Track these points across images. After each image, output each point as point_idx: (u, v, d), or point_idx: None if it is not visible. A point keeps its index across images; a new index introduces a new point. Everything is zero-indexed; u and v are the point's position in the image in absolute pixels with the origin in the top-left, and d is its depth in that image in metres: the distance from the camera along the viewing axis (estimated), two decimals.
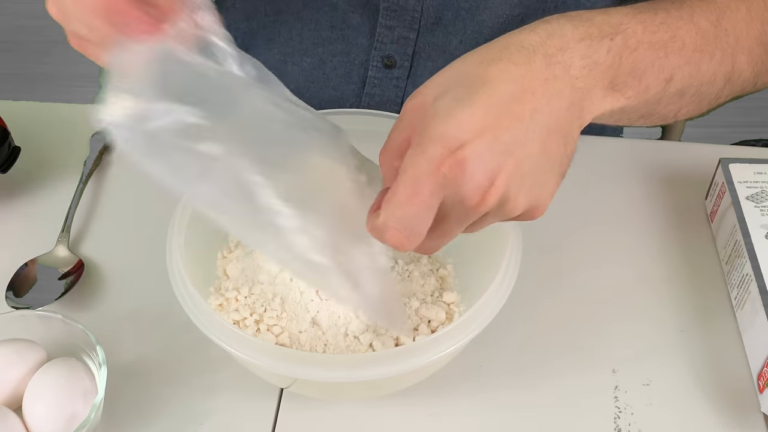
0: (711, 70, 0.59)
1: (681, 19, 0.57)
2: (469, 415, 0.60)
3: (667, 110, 0.59)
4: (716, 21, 0.59)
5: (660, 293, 0.69)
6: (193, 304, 0.54)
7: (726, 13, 0.60)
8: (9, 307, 0.65)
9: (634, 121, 0.59)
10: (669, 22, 0.56)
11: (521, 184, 0.47)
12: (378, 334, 0.58)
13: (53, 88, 2.07)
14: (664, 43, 0.55)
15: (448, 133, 0.45)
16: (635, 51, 0.53)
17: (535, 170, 0.48)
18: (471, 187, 0.45)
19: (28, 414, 0.56)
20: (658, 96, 0.56)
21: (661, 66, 0.55)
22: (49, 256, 0.69)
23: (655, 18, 0.55)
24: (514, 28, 0.79)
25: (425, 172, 0.44)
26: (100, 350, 0.57)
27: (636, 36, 0.53)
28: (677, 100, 0.58)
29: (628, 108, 0.55)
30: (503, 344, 0.64)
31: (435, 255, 0.66)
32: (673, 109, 0.60)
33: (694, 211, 0.75)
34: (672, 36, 0.56)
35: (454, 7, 0.77)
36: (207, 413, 0.60)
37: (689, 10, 0.58)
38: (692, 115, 0.62)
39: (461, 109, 0.45)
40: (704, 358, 0.64)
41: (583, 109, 0.50)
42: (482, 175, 0.45)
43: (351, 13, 0.80)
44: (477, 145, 0.45)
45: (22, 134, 0.75)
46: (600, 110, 0.52)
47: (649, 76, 0.54)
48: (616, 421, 0.60)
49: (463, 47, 0.80)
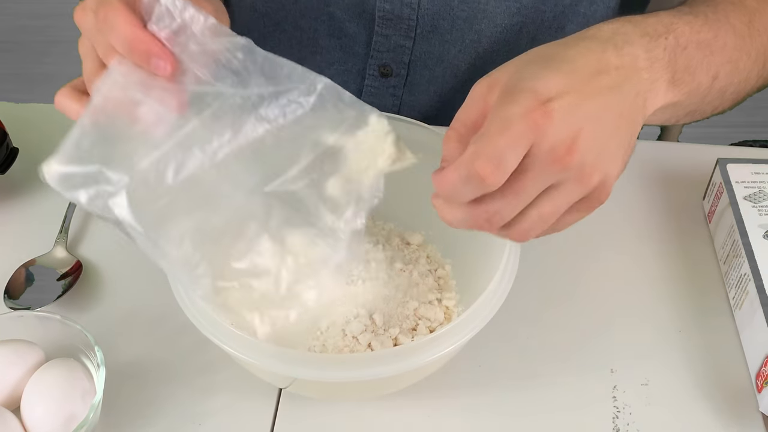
0: (747, 68, 0.61)
1: (719, 20, 0.59)
2: (467, 415, 0.60)
3: (709, 107, 0.61)
4: (748, 22, 0.61)
5: (658, 293, 0.69)
6: (191, 304, 0.54)
7: (756, 15, 0.62)
8: (7, 307, 0.65)
9: (681, 118, 0.61)
10: (710, 23, 0.58)
11: (599, 152, 0.48)
12: (377, 335, 0.58)
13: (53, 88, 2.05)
14: (709, 42, 0.57)
15: (538, 87, 0.46)
16: (686, 49, 0.55)
17: (609, 143, 0.49)
18: (557, 139, 0.46)
19: (26, 414, 0.56)
20: (705, 92, 0.58)
21: (708, 64, 0.57)
22: (48, 257, 0.69)
23: (697, 19, 0.57)
24: (513, 38, 0.80)
25: (517, 115, 0.45)
26: (98, 351, 0.57)
27: (685, 35, 0.55)
28: (719, 96, 0.60)
29: (682, 103, 0.56)
30: (501, 344, 0.64)
31: (434, 255, 0.66)
32: (713, 105, 0.62)
33: (691, 212, 0.75)
34: (714, 35, 0.57)
35: (450, 16, 0.78)
36: (206, 413, 0.60)
37: (724, 13, 0.60)
38: (725, 110, 0.65)
39: (548, 72, 0.47)
40: (702, 357, 0.64)
41: (647, 100, 0.52)
42: (567, 130, 0.46)
43: (347, 22, 0.80)
44: (565, 101, 0.46)
45: (20, 135, 0.75)
46: (662, 102, 0.54)
47: (699, 73, 0.56)
48: (615, 420, 0.60)
49: (463, 56, 0.80)
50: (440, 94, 0.84)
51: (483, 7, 0.76)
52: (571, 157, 0.46)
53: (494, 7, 0.76)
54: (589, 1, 0.78)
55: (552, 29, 0.79)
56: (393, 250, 0.63)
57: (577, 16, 0.79)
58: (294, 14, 0.81)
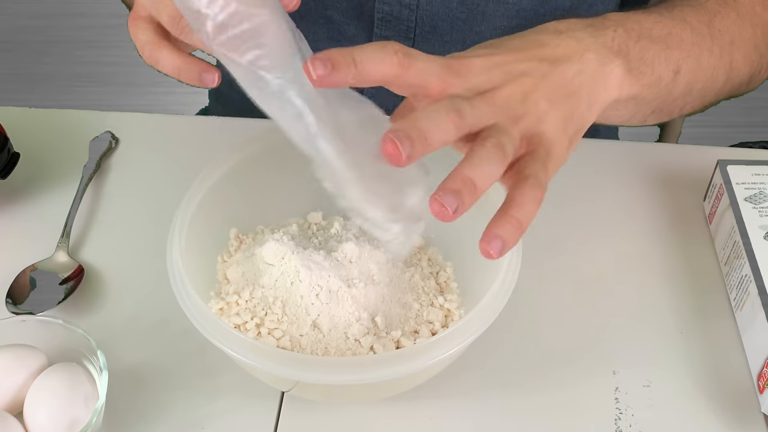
0: (712, 65, 0.60)
1: (674, 19, 0.59)
2: (470, 418, 0.60)
3: (676, 105, 0.61)
4: (708, 22, 0.61)
5: (659, 295, 0.69)
6: (194, 308, 0.54)
7: (716, 17, 0.61)
8: (9, 312, 0.65)
9: (647, 117, 0.61)
10: (663, 21, 0.58)
11: (527, 102, 0.49)
12: (379, 337, 0.58)
13: (53, 88, 2.07)
14: (663, 37, 0.57)
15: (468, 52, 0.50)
16: (639, 41, 0.55)
17: (540, 102, 0.50)
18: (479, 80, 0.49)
19: (29, 419, 0.56)
20: (668, 87, 0.58)
21: (667, 57, 0.56)
22: (49, 262, 0.69)
23: (648, 17, 0.57)
24: None
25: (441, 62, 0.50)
26: (100, 355, 0.57)
27: (635, 30, 0.55)
28: (686, 93, 0.60)
29: (645, 97, 0.56)
30: (504, 346, 0.64)
31: (435, 257, 0.66)
32: (680, 104, 0.61)
33: (692, 213, 0.75)
34: (668, 32, 0.57)
35: (449, 18, 0.78)
36: (208, 417, 0.60)
37: (680, 13, 0.60)
38: (695, 110, 0.64)
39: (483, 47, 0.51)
40: (704, 359, 0.64)
41: (596, 82, 0.53)
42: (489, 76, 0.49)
43: (346, 25, 0.80)
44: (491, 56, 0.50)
45: (21, 140, 0.76)
46: (619, 90, 0.54)
47: (658, 65, 0.56)
48: (617, 422, 0.60)
49: None
50: None
51: (482, 9, 0.77)
52: (495, 94, 0.48)
53: (493, 9, 0.76)
54: (589, 4, 0.78)
55: None
56: None
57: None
58: (292, 17, 0.82)
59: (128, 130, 0.82)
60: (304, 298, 0.58)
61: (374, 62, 0.46)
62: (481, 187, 0.46)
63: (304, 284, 0.58)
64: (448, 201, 0.44)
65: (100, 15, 2.26)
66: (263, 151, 0.64)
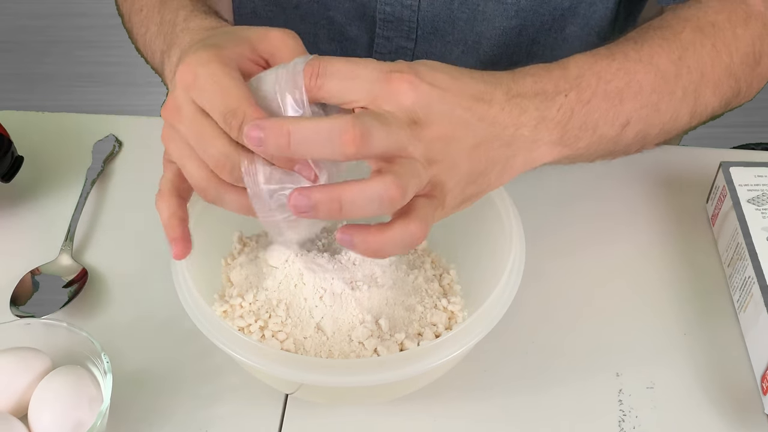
0: (672, 108, 0.60)
1: (640, 62, 0.58)
2: (473, 420, 0.61)
3: (629, 149, 0.61)
4: (678, 59, 0.60)
5: (662, 297, 0.69)
6: (198, 310, 0.54)
7: (689, 51, 0.61)
8: (13, 315, 0.65)
9: (593, 160, 0.61)
10: (627, 67, 0.57)
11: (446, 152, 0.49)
12: (383, 340, 0.58)
13: (53, 88, 2.07)
14: (620, 90, 0.56)
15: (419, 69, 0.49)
16: (588, 104, 0.55)
17: (458, 157, 0.50)
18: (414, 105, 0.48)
19: (34, 422, 0.56)
20: (612, 140, 0.58)
21: (616, 113, 0.56)
22: (53, 265, 0.69)
23: (611, 65, 0.57)
24: (513, 40, 0.81)
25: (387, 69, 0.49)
26: (105, 358, 0.57)
27: (590, 88, 0.55)
28: (639, 140, 0.60)
29: (580, 155, 0.56)
30: (507, 348, 0.64)
31: (438, 260, 0.66)
32: (635, 147, 0.62)
33: (695, 215, 0.75)
34: (628, 82, 0.57)
35: (450, 18, 0.78)
36: (212, 420, 0.60)
37: (649, 52, 0.59)
38: (654, 146, 0.64)
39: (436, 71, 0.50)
40: (707, 360, 0.64)
41: (523, 157, 0.53)
42: (425, 108, 0.48)
43: (348, 26, 0.81)
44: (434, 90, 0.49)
45: (24, 143, 0.76)
46: (548, 159, 0.54)
47: (602, 125, 0.56)
48: (621, 424, 0.60)
49: (466, 57, 0.81)
50: None
51: (482, 9, 0.77)
52: (421, 129, 0.48)
53: (492, 9, 0.77)
54: (588, 3, 0.78)
55: (552, 31, 0.80)
56: (398, 256, 0.63)
57: (577, 18, 0.80)
58: (294, 19, 0.82)
59: (132, 133, 0.82)
60: (307, 301, 0.58)
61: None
62: (346, 215, 0.46)
63: (307, 287, 0.58)
64: (300, 203, 0.46)
65: (100, 15, 2.25)
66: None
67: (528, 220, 0.60)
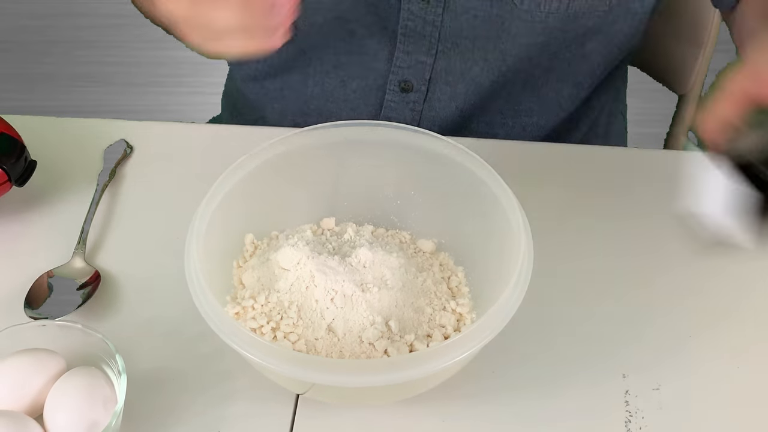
0: None
1: None
2: (482, 421, 0.61)
3: None
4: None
5: (669, 298, 0.69)
6: (212, 312, 0.55)
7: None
8: (28, 317, 0.65)
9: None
10: None
11: None
12: (393, 341, 0.59)
13: (53, 88, 2.06)
14: None
15: None
16: None
17: None
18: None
19: (49, 422, 0.56)
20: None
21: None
22: (66, 268, 0.70)
23: None
24: (536, 55, 0.81)
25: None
26: (119, 359, 0.58)
27: None
28: None
29: None
30: (515, 350, 0.65)
31: (446, 262, 0.67)
32: None
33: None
34: None
35: (471, 35, 0.78)
36: (224, 420, 0.61)
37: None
38: None
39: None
40: (713, 362, 0.65)
41: None
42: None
43: (368, 39, 0.81)
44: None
45: (37, 148, 0.76)
46: None
47: None
48: (627, 425, 0.61)
49: (486, 74, 0.81)
50: (461, 110, 0.85)
51: (507, 26, 0.77)
52: None
53: (518, 27, 0.77)
54: (611, 22, 0.79)
55: (573, 46, 0.80)
56: (407, 258, 0.64)
57: (599, 35, 0.80)
58: (312, 31, 0.82)
59: (142, 137, 0.83)
60: (319, 303, 0.59)
61: None
62: None
63: (319, 289, 0.59)
64: None
65: (100, 15, 2.24)
66: (277, 158, 0.65)
67: (535, 221, 0.61)
